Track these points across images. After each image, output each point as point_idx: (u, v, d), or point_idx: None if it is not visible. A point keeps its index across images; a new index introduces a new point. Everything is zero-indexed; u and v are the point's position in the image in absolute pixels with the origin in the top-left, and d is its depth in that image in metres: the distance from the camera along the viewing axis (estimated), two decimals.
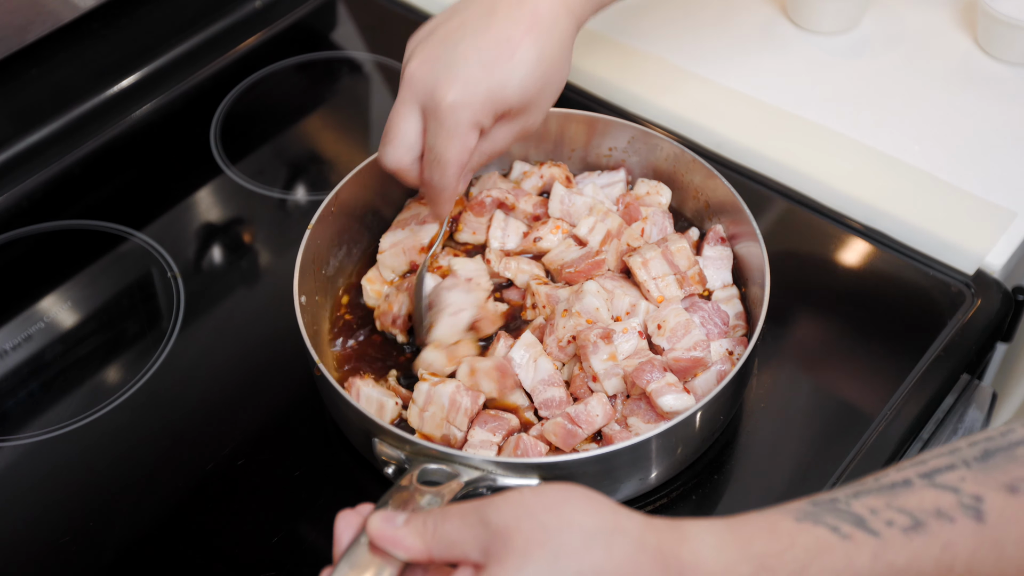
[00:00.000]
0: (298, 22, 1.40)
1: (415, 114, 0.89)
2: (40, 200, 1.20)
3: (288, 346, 1.00)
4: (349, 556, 0.65)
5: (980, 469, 0.62)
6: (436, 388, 0.90)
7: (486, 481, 0.81)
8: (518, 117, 0.91)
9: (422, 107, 0.88)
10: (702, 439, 0.91)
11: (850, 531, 0.60)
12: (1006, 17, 1.21)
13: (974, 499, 0.60)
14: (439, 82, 0.86)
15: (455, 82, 0.86)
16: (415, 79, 0.88)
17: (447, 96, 0.86)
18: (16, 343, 1.06)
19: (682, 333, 0.92)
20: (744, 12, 1.34)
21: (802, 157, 1.16)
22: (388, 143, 0.90)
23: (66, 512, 0.93)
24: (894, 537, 0.59)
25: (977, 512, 0.60)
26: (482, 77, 0.86)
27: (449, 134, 0.87)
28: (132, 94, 1.29)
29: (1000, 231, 1.08)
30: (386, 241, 1.04)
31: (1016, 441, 0.63)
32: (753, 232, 0.96)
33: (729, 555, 0.59)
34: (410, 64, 0.89)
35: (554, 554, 0.58)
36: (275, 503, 0.93)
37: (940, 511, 0.60)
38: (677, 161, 1.05)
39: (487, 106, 0.87)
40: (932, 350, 0.99)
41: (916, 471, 0.63)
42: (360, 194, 1.05)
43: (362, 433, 0.87)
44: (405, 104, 0.89)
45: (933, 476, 0.62)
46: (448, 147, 0.87)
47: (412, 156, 0.90)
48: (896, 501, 0.61)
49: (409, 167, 0.91)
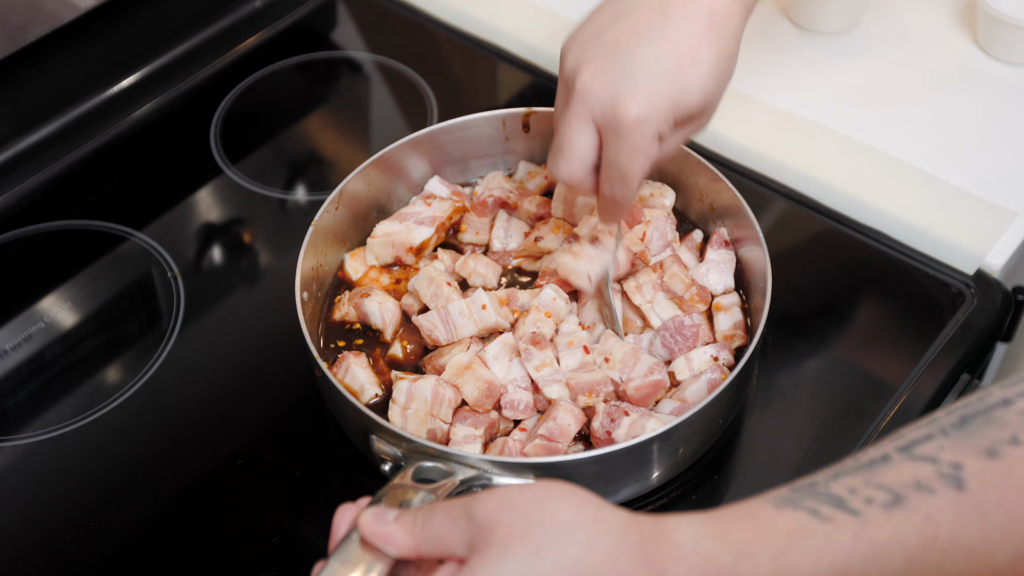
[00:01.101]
0: (298, 22, 1.40)
1: (590, 128, 0.84)
2: (40, 200, 1.20)
3: (288, 346, 1.00)
4: (340, 551, 0.66)
5: (958, 436, 0.61)
6: (416, 384, 0.90)
7: (481, 480, 0.81)
8: (696, 120, 0.87)
9: (599, 121, 0.84)
10: (703, 440, 0.91)
11: (830, 512, 0.60)
12: (1006, 17, 1.21)
13: (953, 467, 0.59)
14: (620, 97, 0.81)
15: (637, 96, 0.81)
16: (590, 92, 0.83)
17: (631, 111, 0.81)
18: (16, 343, 1.06)
19: (632, 362, 0.92)
20: None
21: (802, 157, 1.15)
22: (562, 158, 0.86)
23: (66, 512, 0.93)
24: (874, 514, 0.59)
25: (957, 480, 0.59)
26: (665, 88, 0.82)
27: (635, 150, 0.83)
28: (132, 94, 1.29)
29: (1000, 231, 1.08)
30: (380, 228, 1.04)
31: (993, 404, 0.62)
32: (756, 235, 0.96)
33: (709, 545, 0.60)
34: (582, 76, 0.83)
35: (535, 547, 0.59)
36: (275, 503, 0.93)
37: (920, 483, 0.59)
38: (683, 163, 1.05)
39: (670, 116, 0.83)
40: (932, 350, 0.99)
41: (894, 445, 0.62)
42: (363, 193, 1.05)
43: (360, 430, 0.87)
44: (579, 119, 0.84)
45: (911, 448, 0.61)
46: (633, 163, 0.84)
47: (586, 168, 0.87)
48: (875, 478, 0.61)
49: (583, 180, 0.88)
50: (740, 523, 0.61)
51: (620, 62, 0.82)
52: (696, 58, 0.82)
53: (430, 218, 1.04)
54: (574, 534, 0.59)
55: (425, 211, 1.04)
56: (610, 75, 0.82)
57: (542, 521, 0.60)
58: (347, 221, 1.04)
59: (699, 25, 0.82)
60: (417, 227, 1.03)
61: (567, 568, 0.58)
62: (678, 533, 0.60)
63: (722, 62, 0.84)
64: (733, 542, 0.60)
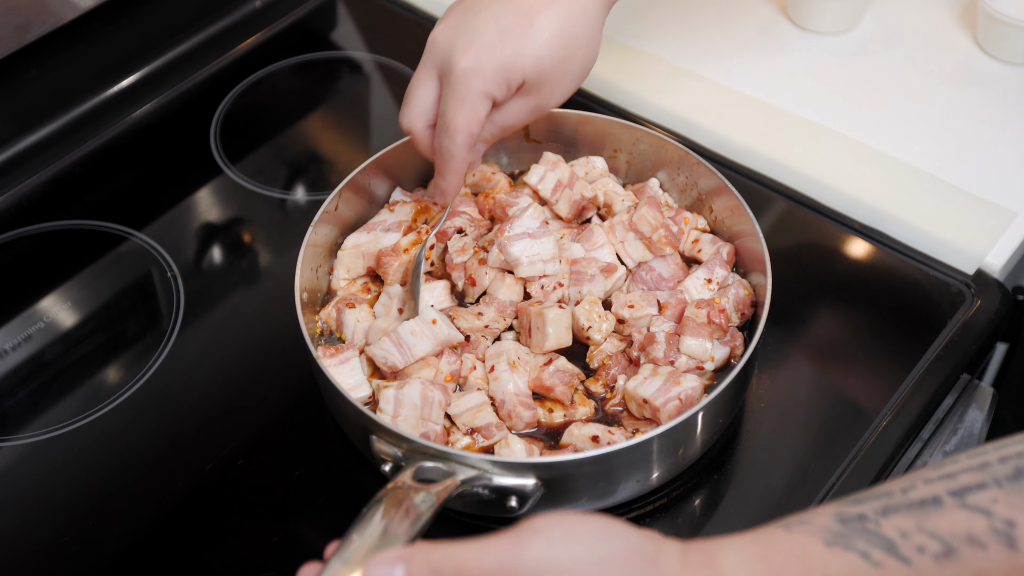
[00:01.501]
0: (298, 22, 1.40)
1: (433, 79, 0.89)
2: (40, 200, 1.20)
3: (288, 346, 1.00)
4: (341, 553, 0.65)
5: (1012, 490, 0.60)
6: (403, 391, 0.89)
7: (482, 480, 0.81)
8: (534, 92, 0.90)
9: (439, 73, 0.89)
10: (703, 441, 0.91)
11: (881, 558, 0.59)
12: (1006, 17, 1.21)
13: (1006, 524, 0.59)
14: (455, 48, 0.87)
15: (469, 48, 0.86)
16: (435, 44, 0.89)
17: (460, 62, 0.86)
18: (16, 343, 1.06)
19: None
20: (744, 12, 1.34)
21: (802, 157, 1.15)
22: (405, 105, 0.91)
23: (66, 512, 0.93)
24: (926, 565, 0.58)
25: (1009, 539, 0.58)
26: (496, 45, 0.86)
27: (460, 100, 0.87)
28: (132, 94, 1.29)
29: (1000, 231, 1.08)
30: (349, 240, 1.04)
31: None
32: (756, 234, 0.96)
33: None
34: (434, 30, 0.90)
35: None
36: (275, 503, 0.93)
37: (972, 537, 0.59)
38: (682, 163, 1.06)
39: (499, 75, 0.87)
40: (932, 350, 0.99)
41: (946, 487, 0.61)
42: (363, 192, 1.05)
43: (360, 430, 0.87)
44: (425, 69, 0.90)
45: (964, 495, 0.60)
46: (458, 113, 0.87)
47: (425, 121, 0.91)
48: (927, 523, 0.60)
49: (421, 131, 0.92)
50: (792, 563, 0.59)
51: (466, 20, 0.88)
52: (532, 25, 0.86)
53: (396, 223, 1.04)
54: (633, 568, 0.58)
55: (390, 218, 1.05)
56: (453, 31, 0.88)
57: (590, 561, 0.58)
58: (347, 221, 1.04)
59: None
60: (384, 234, 1.03)
61: None
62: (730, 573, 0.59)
63: (562, 36, 0.87)
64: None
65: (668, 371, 0.90)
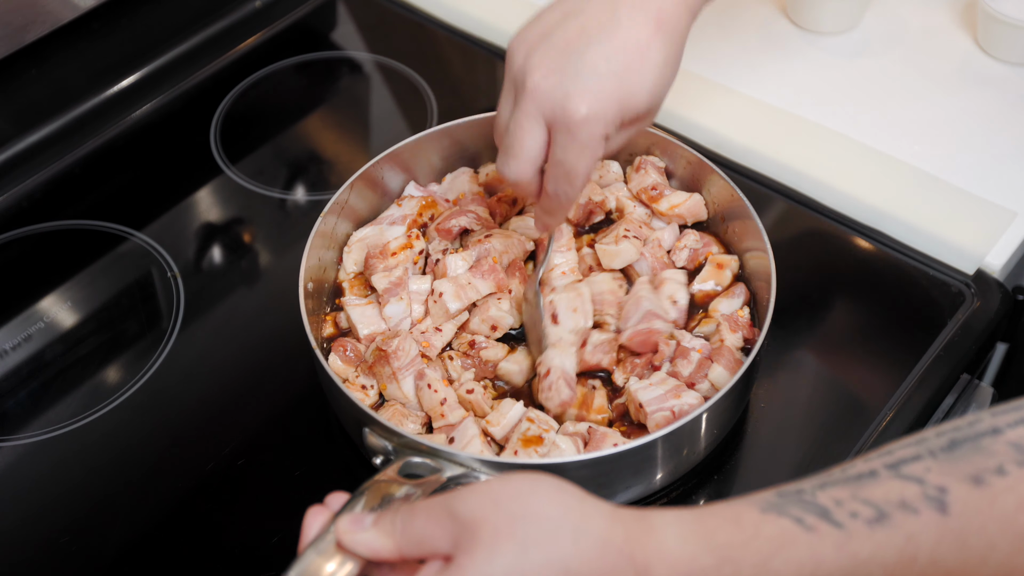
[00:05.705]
0: (298, 22, 1.40)
1: (540, 127, 0.85)
2: (40, 200, 1.20)
3: (288, 346, 1.00)
4: (317, 544, 0.66)
5: (945, 460, 0.61)
6: None
7: (468, 478, 0.81)
8: (643, 120, 0.88)
9: (548, 120, 0.85)
10: (707, 441, 0.91)
11: (814, 522, 0.60)
12: (1006, 17, 1.21)
13: (938, 490, 0.60)
14: (569, 96, 0.82)
15: (586, 95, 0.82)
16: (541, 91, 0.83)
17: (579, 110, 0.82)
18: (16, 343, 1.06)
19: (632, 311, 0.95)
20: (744, 12, 1.34)
21: (802, 157, 1.15)
22: (512, 156, 0.86)
23: (66, 512, 0.93)
24: (858, 529, 0.60)
25: (941, 504, 0.60)
26: (614, 89, 0.83)
27: (582, 149, 0.84)
28: (132, 94, 1.29)
29: (1000, 231, 1.08)
30: (356, 235, 1.04)
31: (982, 432, 0.62)
32: (759, 233, 0.96)
33: (693, 546, 0.60)
34: (532, 75, 0.84)
35: (522, 544, 0.59)
36: (275, 503, 0.93)
37: (904, 502, 0.60)
38: (682, 163, 1.06)
39: (618, 117, 0.84)
40: (932, 350, 0.99)
41: (882, 462, 0.63)
42: (376, 186, 1.05)
43: (355, 423, 0.87)
44: (529, 118, 0.85)
45: (899, 467, 0.62)
46: (580, 161, 0.84)
47: (535, 168, 0.87)
48: (861, 492, 0.61)
49: (531, 180, 0.88)
50: (725, 525, 0.61)
51: (571, 62, 0.83)
52: (644, 61, 0.83)
53: (401, 217, 1.04)
54: (560, 530, 0.60)
55: (396, 211, 1.05)
56: (560, 75, 0.83)
57: (526, 517, 0.60)
58: (351, 219, 1.04)
59: (647, 28, 0.83)
60: (389, 228, 1.03)
61: (555, 564, 0.59)
62: (663, 531, 0.61)
63: (668, 65, 0.85)
64: (717, 544, 0.60)
65: (674, 383, 0.90)
